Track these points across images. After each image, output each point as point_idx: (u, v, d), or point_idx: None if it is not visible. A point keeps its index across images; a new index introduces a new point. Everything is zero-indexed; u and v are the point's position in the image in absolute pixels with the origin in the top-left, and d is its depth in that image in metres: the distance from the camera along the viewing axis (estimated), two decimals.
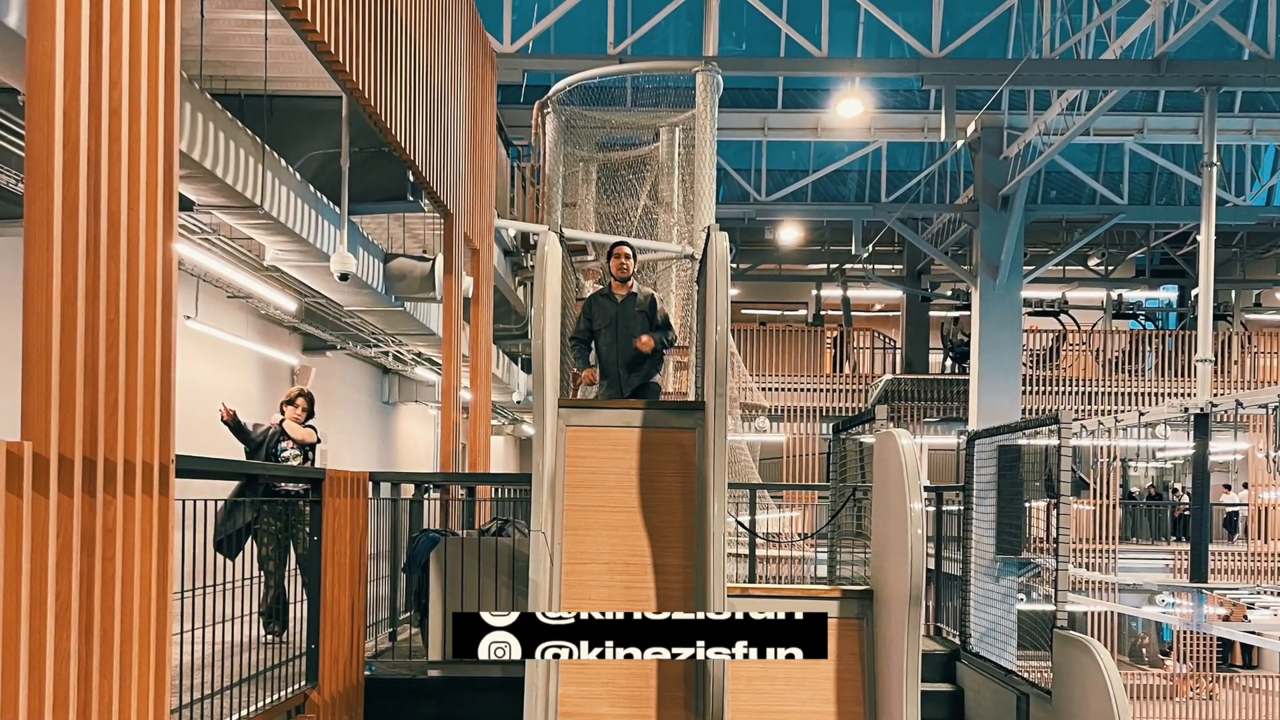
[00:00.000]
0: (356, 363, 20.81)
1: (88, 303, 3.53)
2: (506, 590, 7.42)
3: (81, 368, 3.49)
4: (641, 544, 6.25)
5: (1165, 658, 25.43)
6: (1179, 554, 21.45)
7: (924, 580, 5.99)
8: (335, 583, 6.66)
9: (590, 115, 14.03)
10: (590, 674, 6.00)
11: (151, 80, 3.91)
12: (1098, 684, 6.12)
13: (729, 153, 22.89)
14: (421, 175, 9.15)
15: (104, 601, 3.63)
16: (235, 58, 9.30)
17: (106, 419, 3.63)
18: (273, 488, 7.88)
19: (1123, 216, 23.83)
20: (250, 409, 13.20)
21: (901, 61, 18.92)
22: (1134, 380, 24.87)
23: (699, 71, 13.34)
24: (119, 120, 3.72)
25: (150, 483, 3.91)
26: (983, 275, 21.56)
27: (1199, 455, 16.49)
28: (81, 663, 3.50)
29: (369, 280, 12.34)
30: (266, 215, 9.36)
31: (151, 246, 3.89)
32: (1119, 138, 21.49)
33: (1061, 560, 6.96)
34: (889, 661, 6.20)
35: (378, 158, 10.78)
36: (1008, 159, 20.79)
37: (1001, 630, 7.77)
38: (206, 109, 8.12)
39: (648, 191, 14.33)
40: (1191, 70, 16.54)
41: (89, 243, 3.53)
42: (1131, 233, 28.25)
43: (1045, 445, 7.59)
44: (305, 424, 8.49)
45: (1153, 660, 25.83)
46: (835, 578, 8.96)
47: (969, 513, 8.50)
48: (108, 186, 3.63)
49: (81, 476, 3.48)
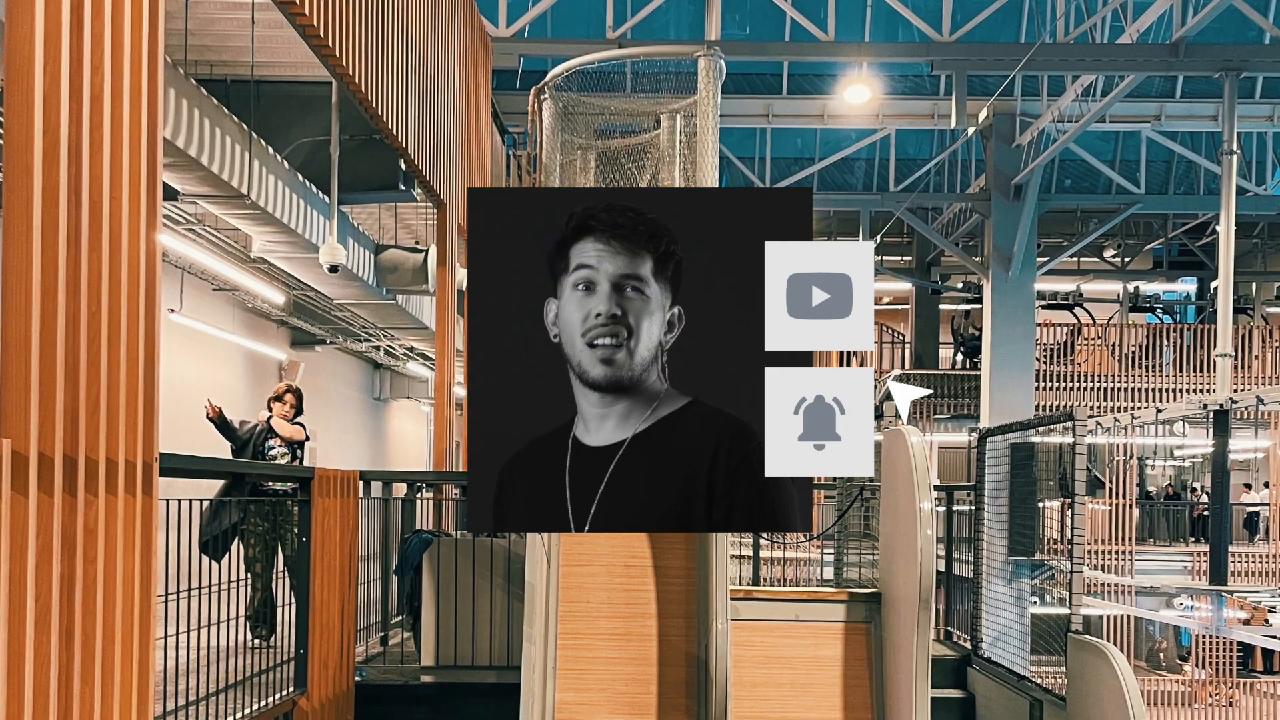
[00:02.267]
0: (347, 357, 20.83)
1: (68, 295, 3.52)
2: (502, 593, 7.43)
3: (62, 363, 3.49)
4: (641, 546, 6.25)
5: (1184, 663, 25.45)
6: (1198, 556, 21.46)
7: (934, 583, 5.99)
8: (324, 585, 6.66)
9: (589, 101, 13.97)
10: (589, 680, 6.01)
11: (134, 65, 3.91)
12: (1114, 690, 6.12)
13: (732, 140, 22.88)
14: (414, 163, 9.15)
15: (85, 604, 3.63)
16: (221, 42, 9.31)
17: (88, 416, 3.63)
18: (260, 487, 7.88)
19: (1139, 206, 23.78)
20: (236, 405, 13.20)
21: (911, 46, 18.90)
22: (1151, 376, 24.85)
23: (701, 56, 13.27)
24: (100, 106, 3.71)
25: (133, 482, 3.91)
26: (995, 267, 21.54)
27: (1218, 453, 16.49)
28: (62, 668, 3.50)
29: (359, 272, 12.34)
30: (253, 205, 9.37)
31: (134, 237, 3.89)
32: (1136, 125, 21.47)
33: (1076, 562, 6.96)
34: (898, 667, 6.21)
35: (369, 145, 10.79)
36: (1020, 147, 20.77)
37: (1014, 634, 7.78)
38: (191, 95, 8.12)
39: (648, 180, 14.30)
40: (1211, 55, 16.52)
41: (69, 233, 3.53)
42: (1149, 223, 28.22)
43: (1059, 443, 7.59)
44: (293, 421, 8.49)
45: (1171, 666, 25.84)
46: (842, 580, 8.97)
47: (980, 513, 8.50)
48: (89, 175, 3.63)
49: (62, 475, 3.48)
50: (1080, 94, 18.07)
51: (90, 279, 3.63)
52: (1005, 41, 19.38)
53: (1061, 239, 26.82)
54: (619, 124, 15.09)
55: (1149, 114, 21.01)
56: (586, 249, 3.15)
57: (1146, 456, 26.94)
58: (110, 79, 3.77)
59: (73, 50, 3.56)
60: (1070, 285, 27.99)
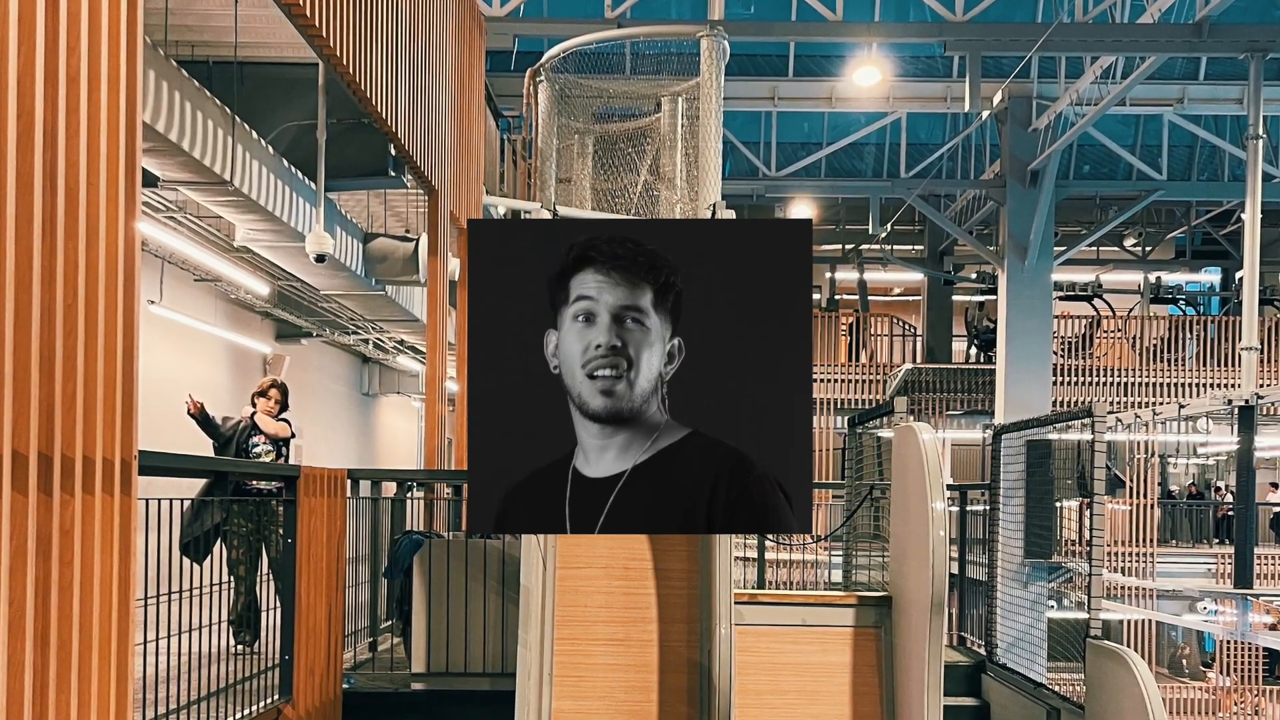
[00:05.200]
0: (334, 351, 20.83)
1: (43, 287, 3.52)
2: (496, 597, 7.43)
3: (37, 357, 3.48)
4: (641, 547, 6.26)
5: (1207, 670, 25.49)
6: (1222, 558, 21.47)
7: (946, 586, 6.00)
8: (311, 589, 6.67)
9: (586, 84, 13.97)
10: (586, 688, 6.01)
11: (112, 45, 3.90)
12: (1134, 698, 6.13)
13: (736, 124, 22.84)
14: (404, 148, 9.14)
15: (61, 608, 3.63)
16: (203, 22, 9.30)
17: (64, 412, 3.62)
18: (243, 486, 7.88)
19: (1161, 193, 23.78)
20: (219, 401, 13.21)
21: (922, 26, 18.87)
22: (1173, 370, 24.88)
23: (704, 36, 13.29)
24: (77, 89, 3.70)
25: (111, 481, 3.91)
26: (1010, 256, 21.54)
27: (1244, 451, 16.50)
28: (37, 674, 3.50)
29: (347, 262, 12.35)
30: (237, 192, 9.37)
31: (112, 225, 3.88)
32: (1157, 108, 21.44)
33: (1095, 564, 6.97)
34: (909, 674, 6.21)
35: (357, 129, 10.79)
36: (1037, 131, 20.76)
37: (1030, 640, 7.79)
38: (172, 77, 8.12)
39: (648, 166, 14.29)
40: (1236, 35, 16.51)
41: (45, 222, 3.52)
42: (1171, 211, 28.23)
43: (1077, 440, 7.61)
44: (278, 417, 8.50)
45: (1194, 672, 25.88)
46: (851, 583, 8.98)
47: (995, 513, 8.51)
48: (65, 161, 3.62)
49: (37, 474, 3.48)
50: (1099, 76, 18.04)
51: (66, 269, 3.63)
52: (1021, 21, 19.36)
53: (1080, 227, 26.83)
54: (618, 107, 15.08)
55: (1171, 97, 20.98)
56: (586, 280, 3.24)
57: (1168, 454, 26.95)
58: (87, 60, 3.76)
59: (48, 30, 3.55)
60: (1089, 275, 28.01)
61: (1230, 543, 20.50)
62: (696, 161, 13.57)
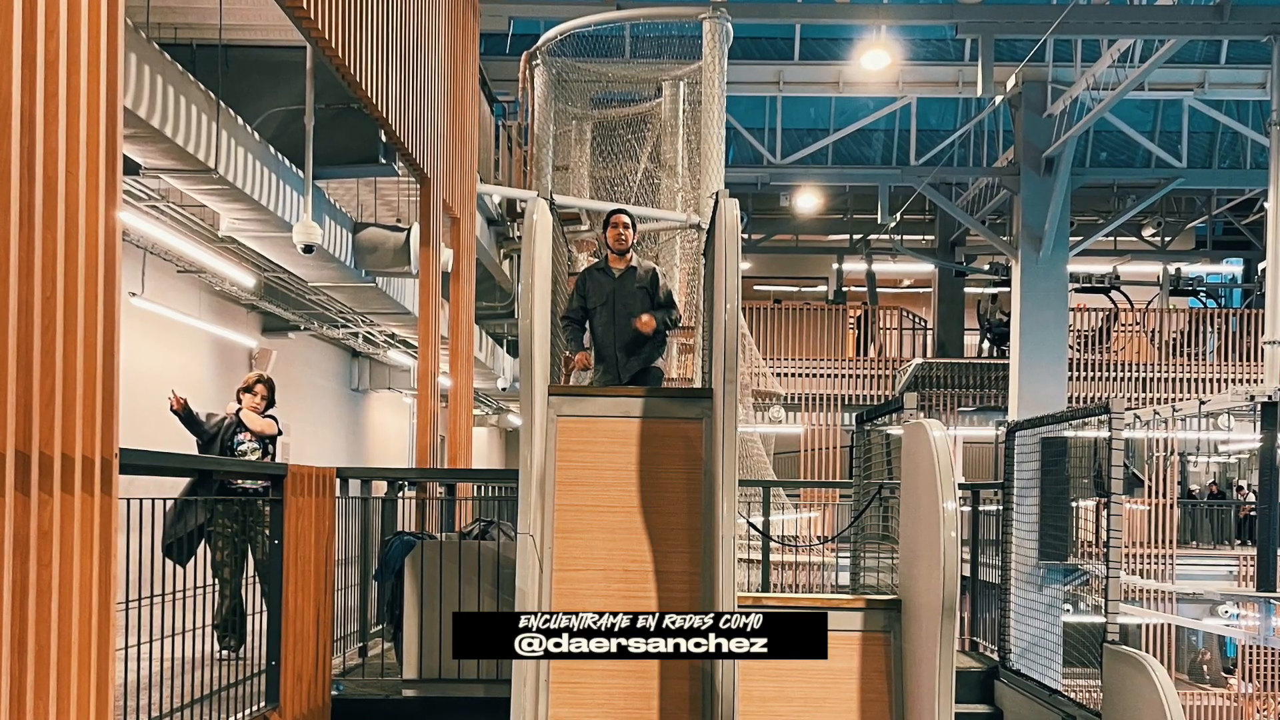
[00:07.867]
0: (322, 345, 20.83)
1: (21, 278, 3.52)
2: (490, 600, 7.43)
3: (14, 351, 3.49)
4: (642, 548, 6.26)
5: (1229, 676, 25.51)
6: (1244, 560, 21.50)
7: (958, 589, 6.00)
8: (298, 592, 6.67)
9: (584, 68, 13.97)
10: (584, 694, 6.02)
11: (93, 28, 3.90)
12: (1153, 705, 6.13)
13: (740, 110, 22.83)
14: (395, 135, 9.13)
15: (39, 612, 3.63)
16: (186, 3, 9.29)
17: (42, 408, 3.63)
18: (228, 485, 7.88)
19: (1181, 181, 23.76)
20: (203, 397, 13.21)
21: (933, 7, 18.89)
22: (1194, 365, 24.89)
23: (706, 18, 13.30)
24: (56, 73, 3.70)
25: (91, 480, 3.91)
26: (1024, 247, 21.54)
27: (1267, 448, 16.51)
28: (14, 681, 3.51)
29: (336, 252, 12.34)
30: (221, 180, 9.36)
31: (92, 215, 3.88)
32: (1177, 93, 21.44)
33: (1112, 566, 6.97)
34: (919, 680, 6.22)
35: (346, 115, 10.77)
36: (1052, 117, 20.75)
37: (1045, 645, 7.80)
38: (154, 61, 8.11)
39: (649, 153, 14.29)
40: (1258, 17, 16.51)
41: (23, 211, 3.52)
42: (1191, 199, 28.24)
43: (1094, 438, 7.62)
44: (265, 414, 8.50)
45: (1215, 679, 25.90)
46: (859, 586, 8.99)
47: (1009, 513, 8.52)
48: (44, 148, 3.62)
49: (14, 473, 3.48)
50: (1117, 59, 18.03)
51: (44, 260, 3.63)
52: (1036, 2, 19.35)
53: (1096, 217, 26.84)
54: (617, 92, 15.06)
55: (1191, 81, 20.98)
56: None
57: (1188, 452, 26.96)
58: (66, 44, 3.76)
59: (26, 12, 3.55)
60: (1106, 267, 28.00)
61: (1253, 544, 20.48)
62: (698, 148, 13.60)
